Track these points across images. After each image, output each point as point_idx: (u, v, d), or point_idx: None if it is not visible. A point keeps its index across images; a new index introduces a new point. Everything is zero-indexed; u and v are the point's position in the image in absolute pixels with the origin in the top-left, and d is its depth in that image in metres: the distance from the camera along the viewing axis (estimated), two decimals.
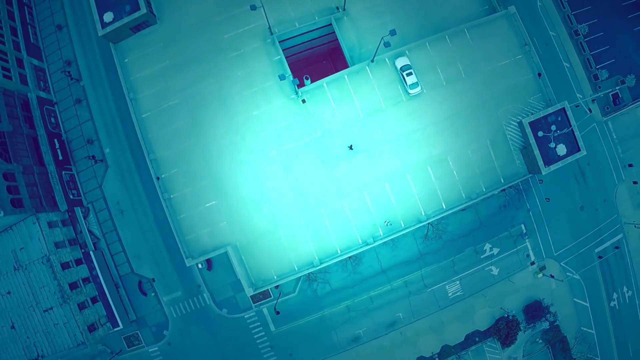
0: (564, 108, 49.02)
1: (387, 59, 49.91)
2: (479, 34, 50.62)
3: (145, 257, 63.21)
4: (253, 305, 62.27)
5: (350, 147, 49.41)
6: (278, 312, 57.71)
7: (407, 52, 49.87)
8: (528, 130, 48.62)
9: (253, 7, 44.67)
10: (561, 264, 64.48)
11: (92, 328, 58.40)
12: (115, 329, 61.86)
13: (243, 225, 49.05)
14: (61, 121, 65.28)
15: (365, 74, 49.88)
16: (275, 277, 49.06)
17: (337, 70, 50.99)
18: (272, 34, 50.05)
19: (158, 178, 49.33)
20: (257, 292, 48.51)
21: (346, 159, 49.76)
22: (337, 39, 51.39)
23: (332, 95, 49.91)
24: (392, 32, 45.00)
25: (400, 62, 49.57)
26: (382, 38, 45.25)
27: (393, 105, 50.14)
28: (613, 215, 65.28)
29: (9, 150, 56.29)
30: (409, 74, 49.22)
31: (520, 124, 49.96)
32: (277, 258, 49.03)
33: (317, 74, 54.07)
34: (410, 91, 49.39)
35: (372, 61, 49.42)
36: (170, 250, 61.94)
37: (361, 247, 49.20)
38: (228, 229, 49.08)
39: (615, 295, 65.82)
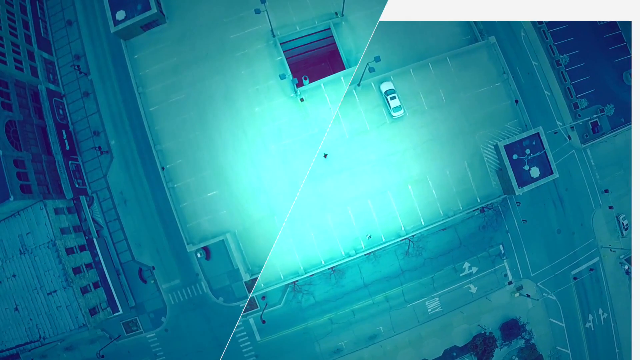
0: (538, 133, 51.87)
1: (372, 84, 52.88)
2: (461, 62, 53.62)
3: (146, 246, 65.23)
4: (242, 314, 63.40)
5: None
6: (264, 321, 58.87)
7: (391, 77, 52.85)
8: (503, 153, 51.37)
9: (257, 11, 47.66)
10: (538, 284, 65.56)
11: (93, 312, 60.57)
12: (115, 314, 63.89)
13: (242, 214, 51.90)
14: (69, 113, 67.70)
15: (351, 97, 52.71)
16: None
17: (334, 72, 53.91)
18: (274, 36, 53.12)
19: (163, 168, 52.19)
20: (253, 277, 51.29)
21: (331, 176, 52.18)
22: (335, 43, 54.47)
23: (329, 95, 52.96)
24: (377, 59, 47.50)
25: (385, 86, 52.55)
26: (368, 64, 48.04)
27: (377, 127, 53.09)
28: (589, 239, 66.05)
29: (20, 138, 58.77)
30: (392, 98, 52.19)
31: (496, 147, 52.67)
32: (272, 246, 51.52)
33: (316, 75, 57.03)
34: (394, 114, 52.29)
35: (359, 85, 52.39)
36: (171, 239, 64.06)
37: (344, 259, 51.84)
38: (228, 217, 51.95)
39: (590, 317, 66.34)
